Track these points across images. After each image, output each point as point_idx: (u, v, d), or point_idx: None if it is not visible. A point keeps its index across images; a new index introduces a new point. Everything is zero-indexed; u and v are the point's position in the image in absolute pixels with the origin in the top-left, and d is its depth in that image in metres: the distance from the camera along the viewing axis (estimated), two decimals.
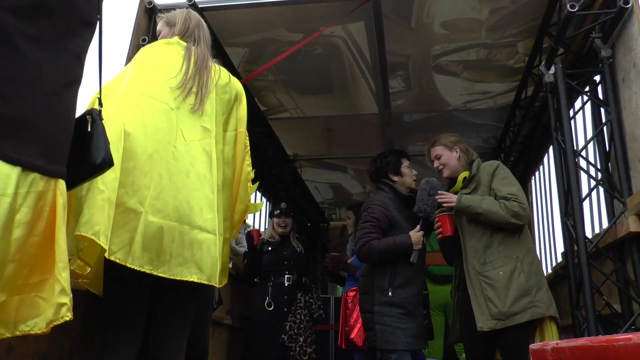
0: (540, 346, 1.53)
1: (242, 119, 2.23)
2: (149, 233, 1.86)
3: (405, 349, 3.29)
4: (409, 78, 5.07)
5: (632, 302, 3.33)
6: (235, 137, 2.19)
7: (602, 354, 1.06)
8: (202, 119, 2.08)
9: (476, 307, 3.06)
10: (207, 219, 1.95)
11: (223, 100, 2.18)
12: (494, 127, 5.96)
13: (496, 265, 3.06)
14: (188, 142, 2.00)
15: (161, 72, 2.11)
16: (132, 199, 1.87)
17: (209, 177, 2.00)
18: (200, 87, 2.12)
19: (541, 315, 2.98)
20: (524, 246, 3.13)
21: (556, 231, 5.73)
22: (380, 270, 3.44)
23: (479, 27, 4.33)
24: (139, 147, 1.91)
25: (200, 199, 1.95)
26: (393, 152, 3.85)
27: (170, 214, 1.90)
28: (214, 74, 2.20)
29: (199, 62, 2.17)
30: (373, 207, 3.51)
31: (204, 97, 2.10)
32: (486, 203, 3.06)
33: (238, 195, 2.18)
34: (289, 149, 6.58)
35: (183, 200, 1.92)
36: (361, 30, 4.38)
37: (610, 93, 3.60)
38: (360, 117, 5.82)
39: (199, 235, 1.92)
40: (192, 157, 1.98)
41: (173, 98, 2.05)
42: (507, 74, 4.97)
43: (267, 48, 4.61)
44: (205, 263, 1.93)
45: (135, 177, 1.88)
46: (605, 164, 3.79)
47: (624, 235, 3.28)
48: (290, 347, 4.75)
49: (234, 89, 2.24)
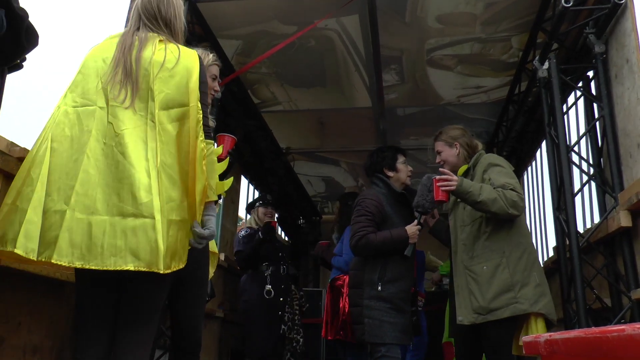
0: (533, 338, 1.53)
1: (193, 93, 2.07)
2: (76, 230, 1.88)
3: (393, 342, 3.30)
4: (402, 72, 5.07)
5: (622, 296, 3.36)
6: (184, 113, 2.05)
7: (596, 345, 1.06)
8: (135, 104, 2.02)
9: (460, 301, 3.07)
10: (142, 204, 1.90)
11: (163, 78, 2.07)
12: (487, 122, 5.98)
13: (482, 260, 3.04)
14: (118, 133, 1.97)
15: (95, 71, 2.10)
16: (58, 203, 1.92)
17: (144, 163, 1.94)
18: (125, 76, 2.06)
19: (523, 311, 2.91)
20: (514, 240, 3.06)
21: (548, 226, 5.77)
22: (371, 264, 3.44)
23: (473, 22, 4.33)
24: (64, 159, 1.97)
25: (133, 186, 1.91)
26: (390, 147, 3.84)
27: (98, 208, 1.90)
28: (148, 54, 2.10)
29: (125, 50, 2.11)
30: (367, 201, 3.51)
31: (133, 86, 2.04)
32: (485, 192, 2.99)
33: (195, 176, 2.02)
34: (282, 142, 6.57)
35: (112, 193, 1.91)
36: (355, 23, 4.37)
37: (603, 89, 3.61)
38: (354, 111, 5.82)
39: (132, 222, 1.88)
40: (123, 146, 1.95)
41: (103, 96, 2.03)
42: (501, 69, 4.97)
43: (260, 40, 4.60)
44: (142, 249, 1.87)
45: (61, 183, 1.94)
46: (598, 159, 3.81)
47: (615, 230, 3.30)
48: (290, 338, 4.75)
49: (181, 66, 2.11)
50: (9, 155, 2.39)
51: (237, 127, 5.75)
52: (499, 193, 2.97)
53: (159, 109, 2.04)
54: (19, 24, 1.94)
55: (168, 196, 1.96)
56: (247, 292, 4.67)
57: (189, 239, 2.04)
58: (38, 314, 2.64)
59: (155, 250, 1.87)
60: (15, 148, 2.44)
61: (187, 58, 2.13)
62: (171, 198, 1.97)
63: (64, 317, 2.81)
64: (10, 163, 2.36)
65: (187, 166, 2.02)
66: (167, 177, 1.98)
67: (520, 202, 2.99)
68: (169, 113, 2.04)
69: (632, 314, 3.19)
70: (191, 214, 2.03)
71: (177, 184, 2.00)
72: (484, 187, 3.02)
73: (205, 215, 2.08)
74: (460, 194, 3.06)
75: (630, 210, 3.18)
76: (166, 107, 2.05)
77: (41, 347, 2.67)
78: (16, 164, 2.37)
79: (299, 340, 4.82)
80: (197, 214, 2.04)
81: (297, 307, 4.94)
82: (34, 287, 2.59)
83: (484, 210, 3.01)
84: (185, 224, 2.01)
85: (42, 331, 2.67)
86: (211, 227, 2.09)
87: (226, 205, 6.19)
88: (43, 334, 2.67)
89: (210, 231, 2.07)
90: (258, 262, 4.73)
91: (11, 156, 2.40)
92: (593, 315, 3.52)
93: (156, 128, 2.01)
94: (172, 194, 1.98)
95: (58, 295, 2.74)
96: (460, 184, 3.04)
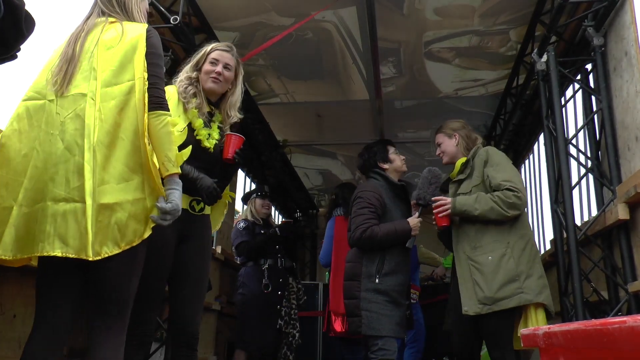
0: (532, 331, 1.52)
1: (138, 65, 2.00)
2: (19, 224, 1.88)
3: (390, 335, 3.30)
4: (400, 64, 5.05)
5: (619, 289, 3.36)
6: (129, 88, 1.98)
7: (596, 338, 1.05)
8: (75, 86, 1.98)
9: (464, 291, 3.08)
10: (74, 188, 1.85)
11: (107, 56, 2.01)
12: (485, 115, 5.96)
13: (486, 250, 3.06)
14: (62, 121, 1.94)
15: (49, 66, 2.08)
16: (7, 200, 1.91)
17: (80, 143, 1.89)
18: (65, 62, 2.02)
19: (528, 301, 2.96)
20: (517, 232, 3.09)
21: (545, 219, 5.77)
22: (368, 256, 3.43)
23: (471, 14, 4.30)
24: (12, 153, 1.96)
25: (67, 170, 1.87)
26: (377, 142, 3.85)
27: (36, 198, 1.88)
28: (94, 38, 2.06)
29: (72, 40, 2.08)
30: (368, 193, 3.50)
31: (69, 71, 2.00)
32: (480, 204, 3.05)
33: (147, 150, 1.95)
34: (279, 135, 6.55)
35: (48, 179, 1.88)
36: (353, 15, 4.35)
37: (601, 81, 3.60)
38: (351, 104, 5.80)
39: (62, 207, 1.84)
40: (63, 132, 1.92)
41: (52, 88, 2.00)
42: (499, 62, 4.96)
43: (257, 32, 4.57)
44: (70, 236, 1.82)
45: (9, 179, 1.94)
46: (596, 152, 3.80)
47: (613, 223, 3.30)
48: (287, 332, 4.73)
49: (126, 41, 2.05)
50: None
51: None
52: (495, 199, 3.03)
53: (101, 86, 1.98)
54: (19, 10, 1.91)
55: (101, 178, 1.89)
56: (246, 286, 4.64)
57: (137, 220, 1.93)
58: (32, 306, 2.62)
59: (85, 235, 1.81)
60: None
61: (132, 32, 2.08)
62: (104, 180, 1.89)
63: None
64: None
65: (138, 142, 1.95)
66: (102, 157, 1.90)
67: (518, 200, 3.02)
68: (112, 90, 1.98)
69: (629, 307, 3.19)
70: (152, 191, 1.96)
71: (117, 164, 1.92)
72: (479, 198, 3.07)
73: (168, 189, 1.99)
74: (458, 214, 3.14)
75: (628, 203, 3.18)
76: (109, 84, 1.99)
77: None
78: None
79: (295, 334, 4.81)
80: (159, 189, 1.96)
81: (294, 300, 4.93)
82: (28, 279, 2.57)
83: (484, 220, 3.06)
84: (130, 205, 1.91)
85: None
86: (174, 201, 1.99)
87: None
88: None
89: (172, 205, 1.97)
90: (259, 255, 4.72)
91: None
92: (590, 308, 3.52)
93: (96, 106, 1.94)
94: (106, 176, 1.90)
95: None
96: (454, 205, 3.11)
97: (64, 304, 1.94)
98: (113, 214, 1.88)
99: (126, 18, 2.17)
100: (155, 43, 2.10)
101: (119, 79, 2.00)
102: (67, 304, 1.95)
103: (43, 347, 1.89)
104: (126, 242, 1.90)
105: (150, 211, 1.95)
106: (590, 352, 1.13)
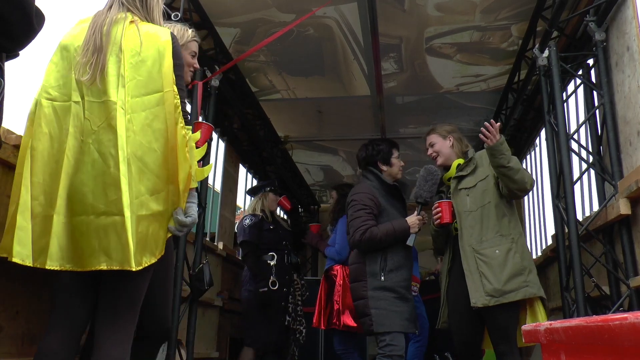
0: (533, 327, 1.52)
1: (167, 78, 1.99)
2: (61, 234, 1.90)
3: (400, 331, 3.32)
4: (401, 60, 5.04)
5: (620, 284, 3.36)
6: (159, 100, 1.98)
7: (597, 334, 1.05)
8: (104, 92, 1.95)
9: (471, 284, 3.11)
10: (112, 201, 1.88)
11: (133, 64, 1.99)
12: (486, 110, 5.95)
13: (493, 244, 3.12)
14: (95, 130, 1.93)
15: (68, 61, 2.03)
16: (46, 208, 1.92)
17: (113, 153, 1.90)
18: (93, 52, 1.98)
19: (533, 295, 3.04)
20: (517, 229, 3.19)
21: (547, 214, 5.77)
22: (370, 255, 3.45)
23: (472, 10, 4.30)
24: (45, 159, 1.95)
25: (105, 182, 1.89)
26: (385, 141, 3.85)
27: (77, 209, 1.90)
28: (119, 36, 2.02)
29: (96, 29, 2.03)
30: (361, 195, 3.52)
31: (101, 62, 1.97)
32: (514, 161, 3.12)
33: (178, 162, 1.97)
34: (280, 131, 6.55)
35: (88, 192, 1.90)
36: (354, 11, 4.34)
37: (603, 76, 3.59)
38: (352, 99, 5.79)
39: (104, 221, 1.88)
40: (99, 143, 1.92)
41: (77, 90, 1.98)
42: (500, 57, 4.95)
43: (258, 28, 4.56)
44: (113, 249, 1.87)
45: (46, 186, 1.94)
46: (597, 147, 3.80)
47: (614, 218, 3.30)
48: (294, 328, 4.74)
49: (151, 50, 2.02)
50: (5, 142, 2.38)
51: (235, 115, 5.74)
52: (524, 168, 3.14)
53: (131, 96, 1.97)
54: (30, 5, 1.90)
55: (137, 190, 1.92)
56: (252, 282, 4.62)
57: (165, 229, 2.01)
58: (36, 303, 2.63)
59: (126, 248, 1.86)
60: (11, 135, 2.43)
61: (159, 40, 2.06)
62: (140, 192, 1.93)
63: None
64: (7, 151, 2.35)
65: (167, 154, 1.97)
66: (137, 169, 1.93)
67: (530, 186, 3.18)
68: (142, 100, 1.98)
69: (630, 302, 3.19)
70: (173, 203, 2.00)
71: (150, 175, 1.95)
72: (514, 158, 3.13)
73: (187, 202, 2.05)
74: (495, 152, 3.09)
75: (630, 198, 3.18)
76: (138, 94, 1.98)
77: (39, 336, 2.66)
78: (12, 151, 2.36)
79: (302, 331, 4.82)
80: (181, 202, 2.01)
81: (299, 297, 4.93)
82: (31, 276, 2.58)
83: (506, 175, 3.09)
84: (160, 216, 1.98)
85: (40, 320, 2.66)
86: (193, 215, 2.06)
87: (224, 194, 6.18)
88: (41, 323, 2.67)
89: (192, 219, 2.05)
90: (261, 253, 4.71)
91: (7, 144, 2.38)
92: (591, 303, 3.53)
93: (126, 117, 1.94)
94: (142, 188, 1.93)
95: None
96: (500, 142, 3.09)
97: (82, 306, 1.99)
98: (150, 225, 1.95)
99: (145, 15, 2.16)
100: (179, 52, 2.11)
101: (148, 89, 2.00)
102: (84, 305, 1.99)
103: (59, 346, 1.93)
104: (159, 251, 1.99)
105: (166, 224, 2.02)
106: (592, 348, 1.13)
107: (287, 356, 4.84)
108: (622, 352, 0.98)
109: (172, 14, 3.82)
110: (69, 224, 1.91)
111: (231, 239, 6.28)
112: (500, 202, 3.20)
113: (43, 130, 1.97)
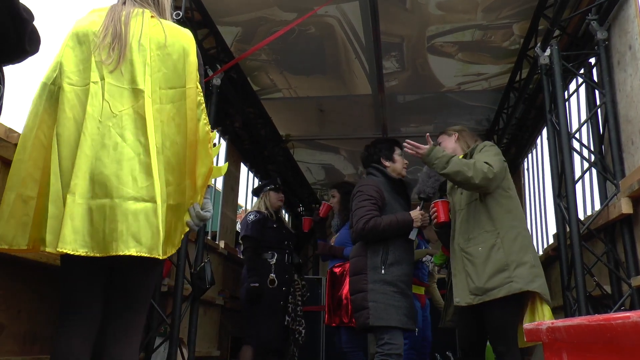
0: (535, 326, 1.52)
1: (191, 74, 2.01)
2: (77, 216, 1.83)
3: (398, 326, 3.30)
4: (403, 59, 5.04)
5: (622, 283, 3.36)
6: (181, 94, 1.99)
7: (599, 333, 1.05)
8: (131, 80, 1.95)
9: (457, 283, 3.12)
10: (143, 187, 1.85)
11: (160, 56, 2.01)
12: (488, 109, 5.95)
13: (478, 242, 3.09)
14: (116, 114, 1.91)
15: (87, 46, 2.01)
16: (64, 189, 1.88)
17: (143, 141, 1.89)
18: (114, 38, 1.98)
19: (518, 290, 2.93)
20: (508, 223, 3.09)
21: (548, 213, 5.76)
22: (372, 248, 3.45)
23: (474, 9, 4.29)
24: (72, 144, 1.91)
25: (133, 168, 1.86)
26: (386, 139, 3.91)
27: (98, 192, 1.85)
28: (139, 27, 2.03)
29: (115, 17, 2.03)
30: (368, 187, 3.54)
31: (122, 48, 1.97)
32: (451, 164, 3.05)
33: (198, 158, 1.98)
34: (282, 130, 6.54)
35: (111, 175, 1.85)
36: (356, 10, 4.34)
37: (605, 75, 3.59)
38: (354, 98, 5.79)
39: (133, 206, 1.83)
40: (121, 127, 1.90)
41: (97, 70, 1.96)
42: (502, 56, 4.94)
43: (260, 27, 4.56)
44: (143, 234, 1.82)
45: (66, 169, 1.89)
46: (599, 146, 3.80)
47: (616, 217, 3.30)
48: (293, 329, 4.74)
49: (177, 44, 2.03)
50: (7, 141, 2.38)
51: (236, 114, 5.74)
52: (466, 165, 3.03)
53: (159, 87, 1.99)
54: (23, 26, 1.89)
55: (166, 180, 1.93)
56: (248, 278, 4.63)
57: (182, 222, 2.00)
58: (38, 301, 2.64)
59: (157, 235, 1.83)
60: (13, 134, 2.43)
61: (184, 37, 2.08)
62: (168, 182, 1.94)
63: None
64: (9, 149, 2.35)
65: (187, 148, 1.97)
66: (165, 159, 1.94)
67: (490, 174, 3.03)
68: (167, 93, 2.00)
69: (632, 301, 3.19)
70: (189, 197, 2.00)
71: (174, 167, 1.96)
72: (453, 161, 3.08)
73: (204, 198, 2.06)
74: (427, 162, 3.16)
75: (631, 197, 3.18)
76: (165, 86, 2.00)
77: (42, 335, 2.67)
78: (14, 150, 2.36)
79: (301, 331, 4.82)
80: (199, 197, 2.01)
81: (300, 297, 4.93)
82: (33, 274, 2.58)
83: (450, 180, 3.12)
84: (180, 208, 1.97)
85: (42, 319, 2.67)
86: (210, 210, 2.08)
87: (226, 192, 6.19)
88: (43, 321, 2.67)
89: (210, 213, 2.06)
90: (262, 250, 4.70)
91: (9, 142, 2.38)
92: (593, 302, 3.53)
93: (154, 107, 1.95)
94: (169, 177, 1.94)
95: (57, 283, 2.74)
96: (427, 153, 3.11)
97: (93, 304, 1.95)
98: (175, 215, 1.95)
99: (157, 12, 2.17)
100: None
101: (173, 83, 2.01)
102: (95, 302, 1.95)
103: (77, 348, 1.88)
104: (178, 242, 1.99)
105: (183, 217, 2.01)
106: (594, 347, 1.13)
107: (287, 356, 4.84)
108: (624, 351, 0.98)
109: (174, 13, 3.82)
110: (85, 206, 1.84)
111: (233, 237, 6.29)
112: (487, 198, 3.13)
113: (67, 115, 1.94)
